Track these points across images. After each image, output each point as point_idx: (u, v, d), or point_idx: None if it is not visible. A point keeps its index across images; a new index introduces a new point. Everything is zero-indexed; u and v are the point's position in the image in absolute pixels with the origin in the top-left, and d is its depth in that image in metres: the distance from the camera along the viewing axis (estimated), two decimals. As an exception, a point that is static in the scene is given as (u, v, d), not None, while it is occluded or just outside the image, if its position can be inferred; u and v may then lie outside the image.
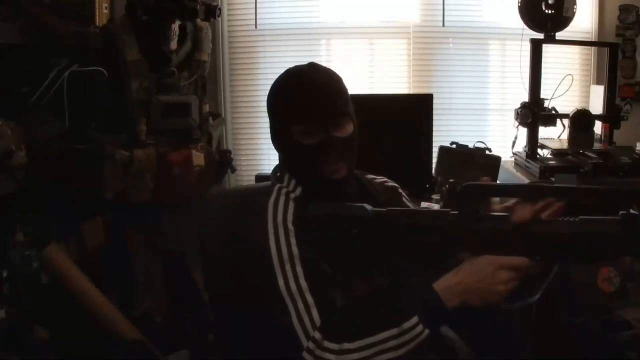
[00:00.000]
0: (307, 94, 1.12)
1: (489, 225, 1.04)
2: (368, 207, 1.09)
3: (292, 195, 1.16)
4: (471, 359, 1.25)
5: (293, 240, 1.08)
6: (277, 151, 1.24)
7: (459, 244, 1.05)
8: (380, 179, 1.35)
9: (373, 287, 1.10)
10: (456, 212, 1.05)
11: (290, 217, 1.11)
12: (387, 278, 1.10)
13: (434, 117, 2.41)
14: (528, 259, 1.02)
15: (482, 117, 2.91)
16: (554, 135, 2.47)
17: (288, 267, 1.06)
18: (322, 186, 1.15)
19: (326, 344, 1.00)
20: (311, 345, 1.00)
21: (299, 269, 1.06)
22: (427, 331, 0.99)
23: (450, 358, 1.21)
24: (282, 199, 1.14)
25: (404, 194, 1.35)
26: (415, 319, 0.99)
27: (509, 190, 1.15)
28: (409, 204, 1.34)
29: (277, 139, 1.21)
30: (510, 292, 1.01)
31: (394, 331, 0.99)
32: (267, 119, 1.22)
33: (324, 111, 1.12)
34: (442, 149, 2.34)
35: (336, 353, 1.00)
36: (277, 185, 1.18)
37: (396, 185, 1.36)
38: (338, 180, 1.15)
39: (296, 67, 1.18)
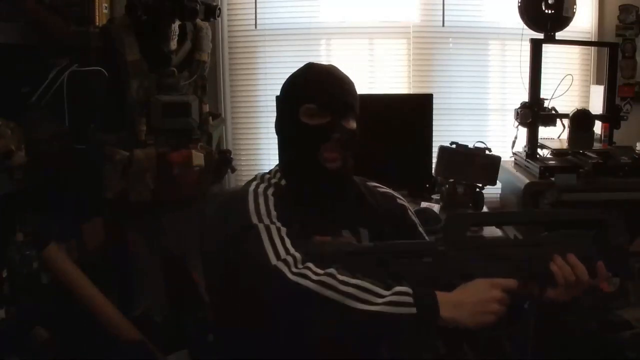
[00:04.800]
0: (323, 78, 1.20)
1: (473, 254, 1.06)
2: (353, 242, 1.12)
3: (273, 181, 1.21)
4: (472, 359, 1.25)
5: (272, 205, 1.12)
6: (279, 135, 1.28)
7: (447, 273, 1.06)
8: (383, 188, 1.35)
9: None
10: (443, 246, 1.07)
11: (271, 190, 1.16)
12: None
13: (434, 117, 2.41)
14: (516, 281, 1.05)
15: (482, 117, 2.90)
16: (554, 135, 2.47)
17: (267, 219, 1.08)
18: (315, 174, 1.18)
19: (310, 264, 0.99)
20: (289, 259, 0.99)
21: (277, 224, 1.08)
22: (413, 309, 0.96)
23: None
24: (264, 184, 1.19)
25: (409, 207, 1.35)
26: (409, 289, 0.98)
27: (495, 219, 1.18)
28: (414, 218, 1.33)
29: (283, 119, 1.25)
30: (501, 314, 1.02)
31: (384, 292, 0.98)
32: (267, 119, 1.24)
33: (335, 96, 1.18)
34: (442, 149, 2.34)
35: (318, 274, 0.98)
36: (260, 173, 1.24)
37: (399, 196, 1.36)
38: (331, 171, 1.18)
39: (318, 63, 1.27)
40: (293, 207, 1.16)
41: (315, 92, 1.18)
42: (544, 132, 2.41)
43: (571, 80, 2.47)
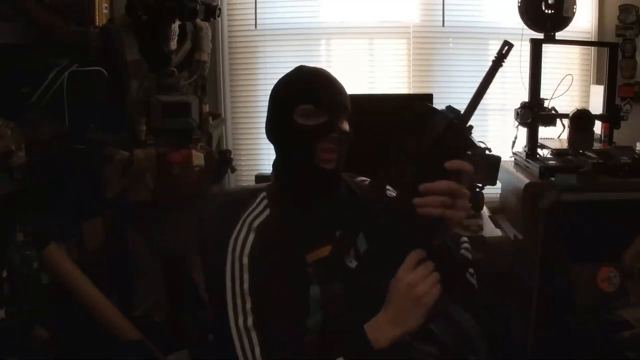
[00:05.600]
0: (318, 79, 1.20)
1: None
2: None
3: (255, 222, 1.18)
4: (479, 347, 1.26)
5: (246, 276, 1.11)
6: (272, 140, 1.26)
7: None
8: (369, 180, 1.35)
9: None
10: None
11: (247, 250, 1.14)
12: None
13: (434, 117, 2.40)
14: (421, 249, 1.03)
15: (482, 117, 2.90)
16: (554, 135, 2.47)
17: (239, 301, 1.10)
18: (311, 175, 1.18)
19: None
20: None
21: (248, 305, 1.09)
22: None
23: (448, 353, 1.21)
24: (243, 231, 1.17)
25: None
26: None
27: None
28: None
29: (277, 123, 1.23)
30: (437, 284, 1.01)
31: None
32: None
33: (332, 95, 1.18)
34: (442, 149, 2.33)
35: None
36: (243, 217, 1.20)
37: (388, 187, 1.36)
38: (327, 171, 1.18)
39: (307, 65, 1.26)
40: (284, 224, 1.17)
41: (311, 93, 1.17)
42: (544, 132, 2.41)
43: (571, 80, 2.47)
